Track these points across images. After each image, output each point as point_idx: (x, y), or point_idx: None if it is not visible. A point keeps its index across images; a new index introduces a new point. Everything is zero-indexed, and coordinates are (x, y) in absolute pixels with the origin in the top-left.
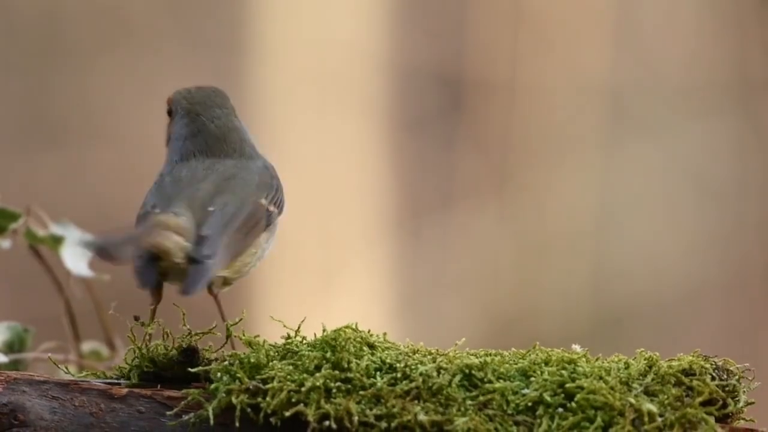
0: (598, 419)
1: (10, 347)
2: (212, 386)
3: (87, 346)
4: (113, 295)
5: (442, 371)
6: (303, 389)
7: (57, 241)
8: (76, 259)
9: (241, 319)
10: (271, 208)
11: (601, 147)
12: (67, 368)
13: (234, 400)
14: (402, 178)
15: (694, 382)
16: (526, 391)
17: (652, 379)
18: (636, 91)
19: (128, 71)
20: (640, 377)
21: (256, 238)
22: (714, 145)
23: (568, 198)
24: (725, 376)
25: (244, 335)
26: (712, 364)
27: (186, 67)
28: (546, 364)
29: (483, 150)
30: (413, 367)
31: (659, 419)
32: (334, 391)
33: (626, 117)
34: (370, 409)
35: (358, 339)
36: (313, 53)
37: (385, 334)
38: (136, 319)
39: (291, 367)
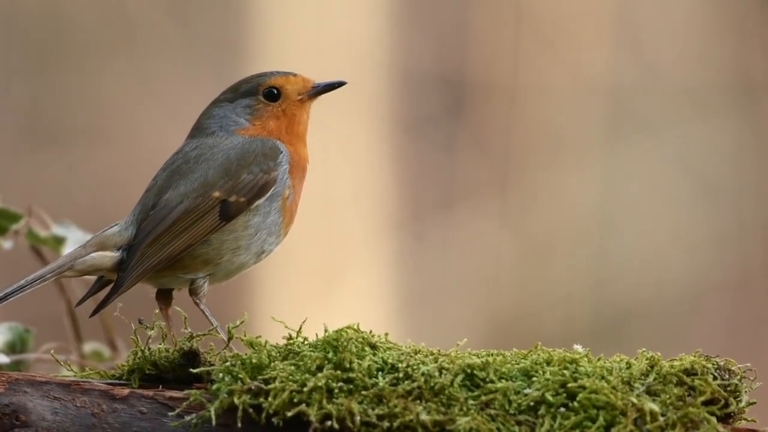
0: (600, 419)
1: (12, 348)
2: (214, 387)
3: (88, 346)
4: None
5: (444, 371)
6: (305, 389)
7: (58, 241)
8: None
9: (242, 321)
10: (233, 198)
11: (602, 148)
12: (70, 366)
13: (236, 400)
14: (403, 179)
15: (696, 382)
16: (528, 390)
17: (654, 379)
18: (637, 92)
19: (129, 73)
20: (642, 377)
21: (207, 233)
22: (715, 145)
23: (569, 199)
24: (727, 376)
25: (245, 336)
26: (713, 364)
27: (186, 68)
28: (548, 364)
29: (484, 151)
30: (415, 367)
31: (661, 418)
32: (336, 391)
33: (627, 118)
34: (372, 409)
35: (360, 339)
36: (315, 54)
37: (386, 334)
38: (140, 322)
39: (293, 368)
